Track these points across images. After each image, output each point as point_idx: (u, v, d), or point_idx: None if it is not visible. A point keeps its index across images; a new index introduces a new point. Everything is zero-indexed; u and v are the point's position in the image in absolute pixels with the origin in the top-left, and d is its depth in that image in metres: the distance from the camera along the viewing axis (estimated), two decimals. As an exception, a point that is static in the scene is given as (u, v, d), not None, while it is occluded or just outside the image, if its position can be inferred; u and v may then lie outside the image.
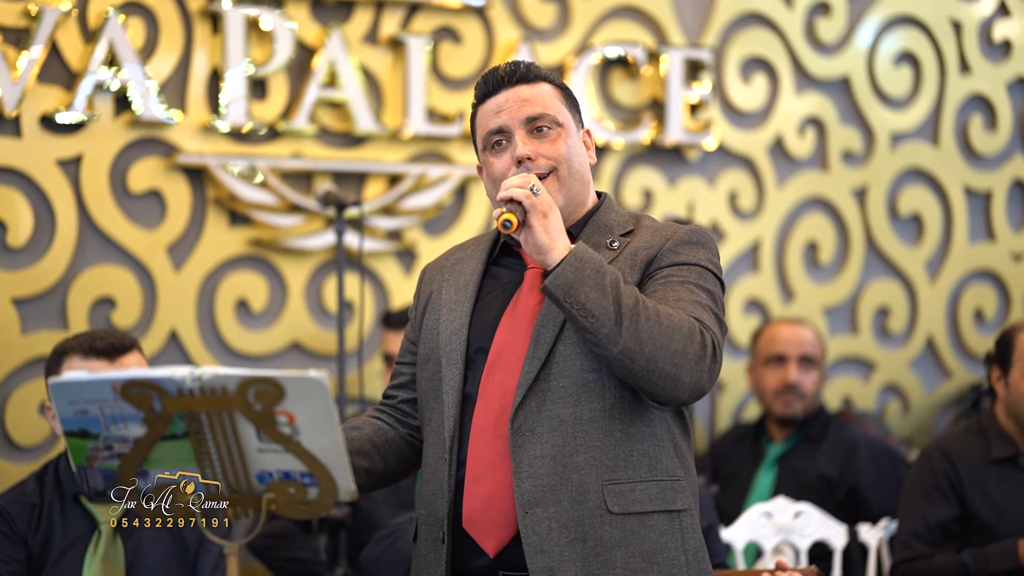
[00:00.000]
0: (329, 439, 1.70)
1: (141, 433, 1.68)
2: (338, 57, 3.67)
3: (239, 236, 3.64)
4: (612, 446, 1.94)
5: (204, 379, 1.66)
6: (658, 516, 1.94)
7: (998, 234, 4.46)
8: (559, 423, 1.93)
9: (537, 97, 2.01)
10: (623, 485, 1.93)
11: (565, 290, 1.85)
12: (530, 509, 1.91)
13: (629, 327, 1.85)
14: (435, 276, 2.12)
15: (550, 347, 1.94)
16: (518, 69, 2.03)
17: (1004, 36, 4.44)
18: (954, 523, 3.12)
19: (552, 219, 1.88)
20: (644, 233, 2.02)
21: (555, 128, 2.01)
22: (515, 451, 1.92)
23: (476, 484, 1.95)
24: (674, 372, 1.88)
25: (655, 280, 1.97)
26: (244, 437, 1.70)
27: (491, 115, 2.02)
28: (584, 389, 1.94)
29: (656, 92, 4.04)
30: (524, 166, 1.98)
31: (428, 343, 2.05)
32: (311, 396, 1.67)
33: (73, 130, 3.46)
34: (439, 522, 1.98)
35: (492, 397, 1.96)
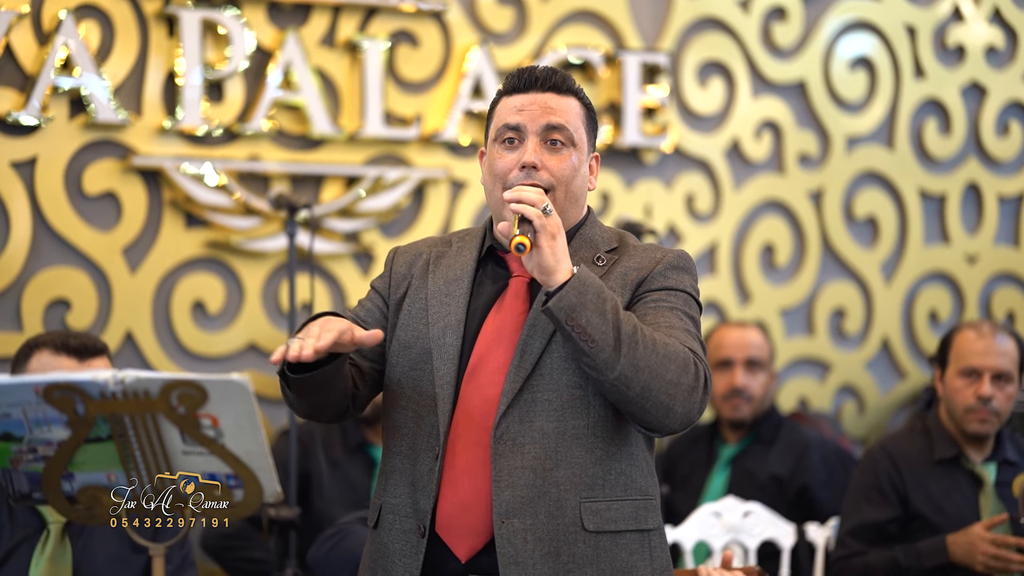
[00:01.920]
0: (253, 441, 1.73)
1: (65, 436, 1.71)
2: (295, 60, 3.69)
3: (195, 238, 3.66)
4: (593, 464, 1.96)
5: (127, 382, 1.68)
6: (630, 535, 1.98)
7: (952, 237, 4.52)
8: (542, 436, 1.94)
9: (561, 109, 2.01)
10: (600, 503, 1.96)
11: (567, 313, 1.87)
12: (507, 519, 1.92)
13: (627, 354, 1.87)
14: (413, 262, 2.09)
15: (536, 359, 1.96)
16: (554, 76, 2.03)
17: (958, 41, 4.49)
18: (892, 524, 3.16)
19: (559, 241, 1.90)
20: (632, 253, 2.04)
21: (568, 147, 2.01)
22: (496, 460, 1.93)
23: (453, 489, 1.95)
24: (667, 402, 1.90)
25: (644, 303, 1.98)
26: (169, 440, 1.73)
27: (512, 110, 2.01)
28: (569, 404, 1.96)
29: (613, 95, 4.07)
30: (527, 172, 1.99)
31: (411, 330, 2.03)
32: (234, 399, 1.69)
33: (28, 132, 3.47)
34: (421, 515, 1.96)
35: (473, 402, 1.96)
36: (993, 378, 3.12)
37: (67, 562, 2.64)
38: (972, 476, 3.18)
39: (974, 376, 3.13)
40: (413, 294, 2.06)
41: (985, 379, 3.11)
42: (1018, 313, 4.59)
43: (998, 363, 3.12)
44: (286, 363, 1.88)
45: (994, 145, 4.55)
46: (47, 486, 1.74)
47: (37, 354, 2.63)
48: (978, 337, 3.16)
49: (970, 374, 3.13)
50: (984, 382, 3.11)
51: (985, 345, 3.13)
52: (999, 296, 4.58)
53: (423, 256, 2.09)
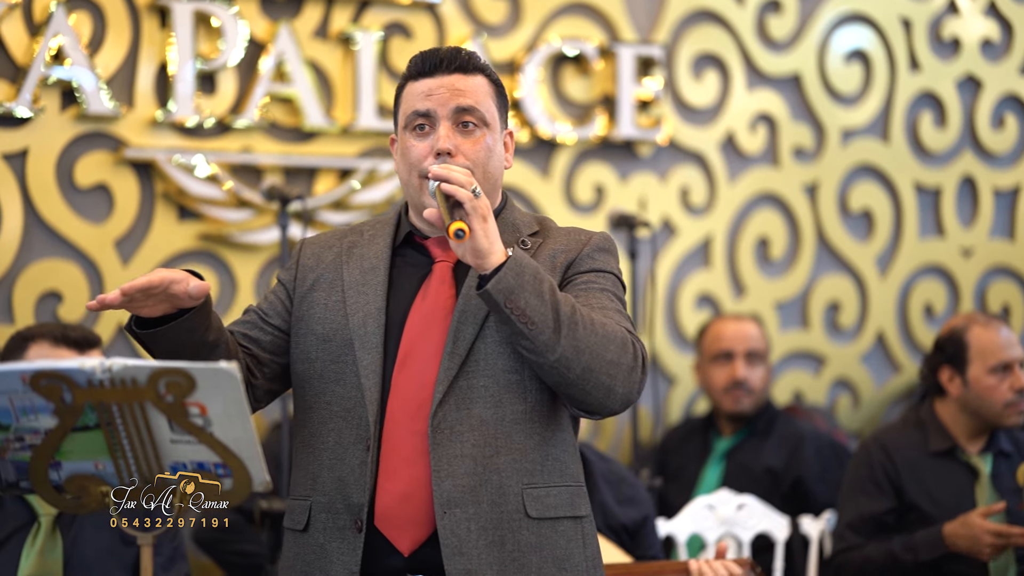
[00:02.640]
0: (242, 429, 1.71)
1: (52, 424, 1.69)
2: (288, 52, 3.68)
3: (188, 230, 3.65)
4: (532, 449, 1.93)
5: (114, 370, 1.67)
6: (567, 522, 1.96)
7: (948, 230, 4.51)
8: (480, 423, 1.91)
9: (471, 90, 1.97)
10: (540, 489, 1.93)
11: (506, 295, 1.83)
12: (449, 509, 1.89)
13: (567, 335, 1.85)
14: (322, 254, 2.04)
15: (470, 344, 1.92)
16: (459, 57, 1.98)
17: (953, 34, 4.49)
18: (889, 515, 3.16)
19: (491, 223, 1.86)
20: (556, 235, 2.02)
21: (481, 128, 1.97)
22: (435, 449, 1.89)
23: (391, 480, 1.91)
24: (608, 382, 1.88)
25: (575, 285, 1.96)
26: (157, 428, 1.72)
27: (421, 96, 1.96)
28: (506, 390, 1.93)
29: (608, 88, 4.06)
30: (442, 158, 1.94)
31: (328, 323, 1.97)
32: (222, 387, 1.68)
33: (19, 124, 3.46)
34: (355, 509, 1.92)
35: (407, 391, 1.93)
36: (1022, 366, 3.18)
37: (58, 555, 2.63)
38: (968, 468, 3.18)
39: (1006, 371, 3.16)
40: (327, 287, 2.00)
41: (1017, 371, 3.16)
42: (1013, 306, 4.58)
43: (1020, 353, 3.19)
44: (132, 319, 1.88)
45: (989, 138, 4.54)
46: (34, 475, 1.73)
47: (35, 345, 2.63)
48: (996, 332, 3.19)
49: (1003, 369, 3.16)
50: (1019, 374, 3.16)
51: (1005, 338, 3.20)
52: (994, 289, 4.58)
53: (333, 248, 2.04)
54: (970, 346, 3.18)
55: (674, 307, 4.20)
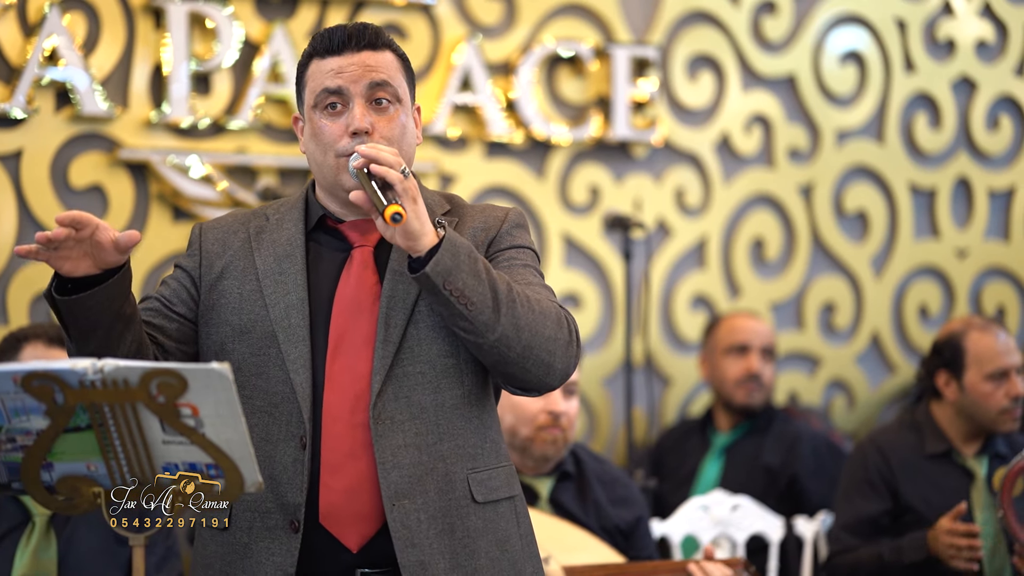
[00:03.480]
0: (234, 430, 1.71)
1: (44, 425, 1.69)
2: (283, 53, 3.68)
3: (183, 231, 3.64)
4: (472, 433, 1.91)
5: (106, 371, 1.66)
6: (504, 503, 1.95)
7: (943, 231, 4.51)
8: (420, 410, 1.88)
9: (382, 66, 1.90)
10: (482, 473, 1.92)
11: (444, 277, 1.79)
12: (397, 501, 1.85)
13: (507, 313, 1.82)
14: (227, 239, 1.95)
15: (403, 331, 1.88)
16: (367, 33, 1.91)
17: (948, 35, 4.49)
18: (884, 517, 3.16)
19: (420, 204, 1.80)
20: (470, 213, 1.97)
21: (395, 104, 1.91)
22: (377, 440, 1.85)
23: (334, 476, 1.86)
24: (548, 359, 1.85)
25: (498, 262, 1.93)
26: (148, 429, 1.71)
27: (330, 74, 1.88)
28: (443, 375, 1.89)
29: (603, 89, 4.07)
30: (359, 138, 1.87)
31: (245, 314, 1.90)
32: (214, 388, 1.68)
33: (13, 125, 3.46)
34: (290, 509, 1.85)
35: (342, 383, 1.87)
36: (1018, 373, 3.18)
37: (52, 555, 2.63)
38: (963, 470, 3.18)
39: (1003, 378, 3.15)
40: (239, 275, 1.93)
41: (1014, 378, 3.15)
42: (1008, 307, 4.59)
43: (1018, 359, 3.19)
44: (54, 282, 1.80)
45: (984, 139, 4.55)
46: (26, 476, 1.73)
47: (29, 346, 2.62)
48: (994, 338, 3.18)
49: (1000, 376, 3.15)
50: (1015, 381, 3.15)
51: (1003, 344, 3.19)
52: (989, 291, 4.58)
53: (239, 233, 1.96)
54: (967, 351, 3.18)
55: (669, 308, 4.20)
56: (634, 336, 3.96)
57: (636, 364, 3.99)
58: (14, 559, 2.63)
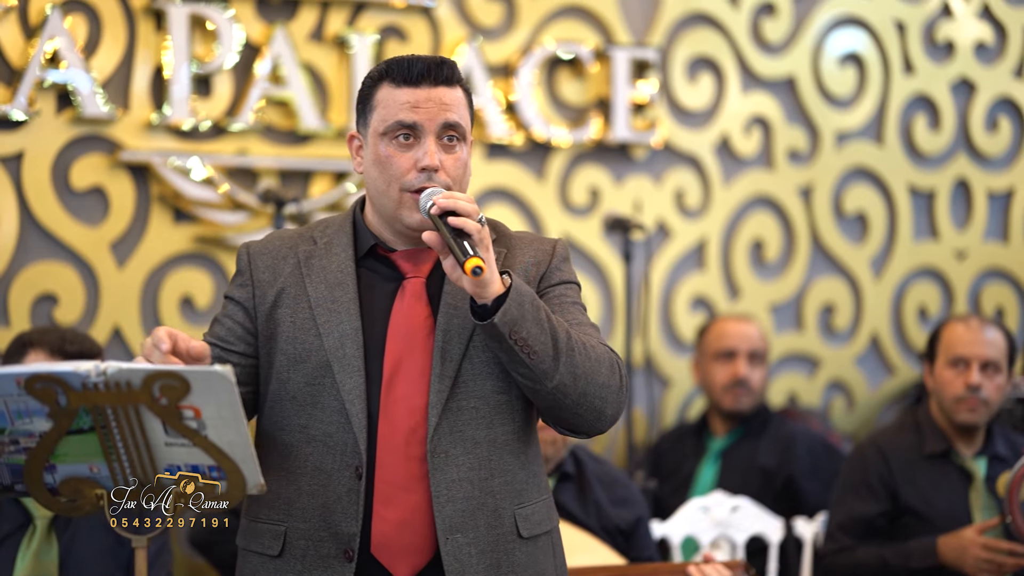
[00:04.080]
0: (236, 432, 1.72)
1: (47, 427, 1.70)
2: (283, 55, 3.69)
3: (183, 233, 3.65)
4: (519, 469, 1.95)
5: (109, 373, 1.67)
6: (543, 538, 1.99)
7: (942, 233, 4.52)
8: (474, 445, 1.91)
9: (455, 104, 1.94)
10: (527, 508, 1.96)
11: (511, 327, 1.82)
12: (451, 535, 1.89)
13: (566, 363, 1.86)
14: (277, 266, 1.96)
15: (458, 365, 1.91)
16: (443, 69, 1.94)
17: (947, 37, 4.50)
18: (881, 519, 3.17)
19: (491, 252, 1.84)
20: (519, 245, 2.00)
21: (460, 143, 1.95)
22: (433, 474, 1.89)
23: (387, 507, 1.89)
24: (600, 405, 1.90)
25: (548, 299, 1.96)
26: (151, 431, 1.72)
27: (406, 107, 1.91)
28: (496, 411, 1.93)
29: (602, 91, 4.07)
30: (427, 174, 1.91)
31: (300, 343, 1.91)
32: (216, 390, 1.69)
33: (14, 127, 3.46)
34: (345, 538, 1.88)
35: (397, 415, 1.90)
36: (981, 367, 3.14)
37: (53, 556, 2.64)
38: (962, 471, 3.19)
39: (962, 365, 3.15)
40: (291, 303, 1.94)
41: (973, 368, 3.13)
42: (1007, 309, 4.60)
43: (986, 352, 3.14)
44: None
45: (983, 141, 4.56)
46: (29, 478, 1.73)
47: (32, 353, 2.63)
48: (966, 328, 3.18)
49: (958, 364, 3.15)
50: (972, 371, 3.12)
51: (973, 335, 3.15)
52: (988, 292, 4.59)
53: (288, 259, 1.97)
54: (940, 339, 3.21)
55: (669, 310, 4.21)
56: (634, 337, 3.97)
57: (636, 365, 3.99)
58: (15, 561, 2.64)
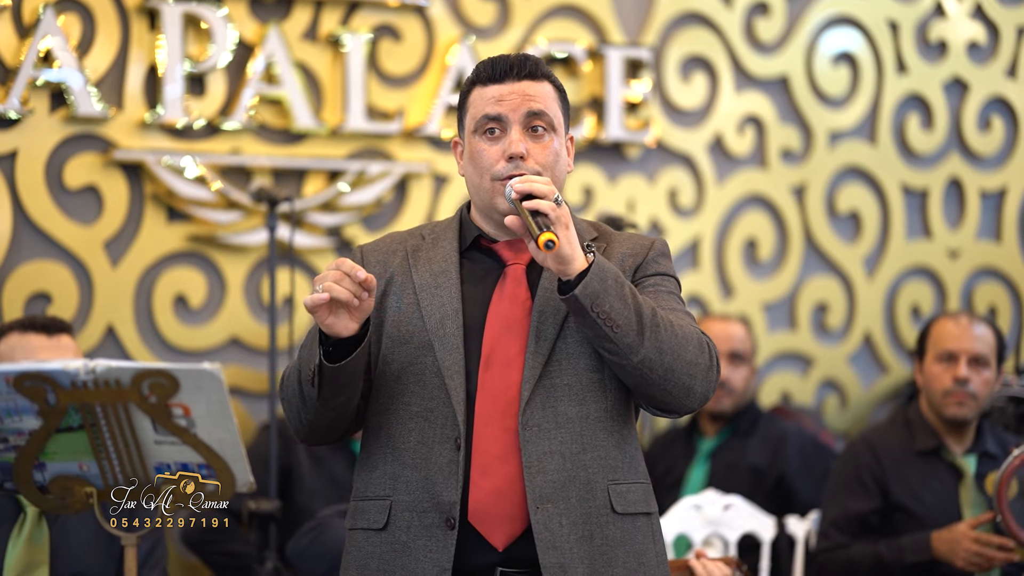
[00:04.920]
0: (225, 430, 1.73)
1: (36, 425, 1.71)
2: (277, 54, 3.69)
3: (177, 232, 3.66)
4: (613, 446, 1.99)
5: (98, 372, 1.68)
6: (642, 518, 2.02)
7: (935, 232, 4.53)
8: (566, 420, 1.96)
9: (540, 95, 2.00)
10: (622, 485, 1.99)
11: (592, 300, 1.88)
12: (541, 504, 1.93)
13: (650, 337, 1.90)
14: (388, 259, 2.06)
15: (552, 343, 1.97)
16: (527, 64, 2.01)
17: (940, 36, 4.51)
18: (873, 515, 3.18)
19: (572, 230, 1.91)
20: (618, 240, 2.07)
21: (550, 132, 2.01)
22: (525, 446, 1.94)
23: (483, 477, 1.94)
24: (688, 382, 1.94)
25: (644, 287, 2.01)
26: (140, 429, 1.73)
27: (491, 101, 2.00)
28: (589, 388, 1.98)
29: (596, 90, 4.08)
30: (514, 162, 1.98)
31: (404, 326, 2.01)
32: (206, 388, 1.70)
33: (8, 126, 3.47)
34: (446, 507, 1.94)
35: (495, 389, 1.96)
36: (970, 361, 3.15)
37: (44, 544, 2.64)
38: (952, 468, 3.20)
39: (951, 360, 3.16)
40: (398, 290, 2.04)
41: (961, 362, 3.14)
42: (1000, 307, 4.61)
43: (974, 346, 3.16)
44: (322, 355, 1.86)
45: (976, 140, 4.57)
46: (18, 476, 1.74)
47: (5, 340, 2.63)
48: (954, 324, 3.20)
49: (947, 358, 3.16)
50: (960, 365, 3.14)
51: (961, 330, 3.17)
52: (981, 291, 4.60)
53: (397, 253, 2.07)
54: (929, 336, 3.22)
55: (662, 308, 4.21)
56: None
57: (629, 364, 4.00)
58: (6, 550, 2.64)
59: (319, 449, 3.51)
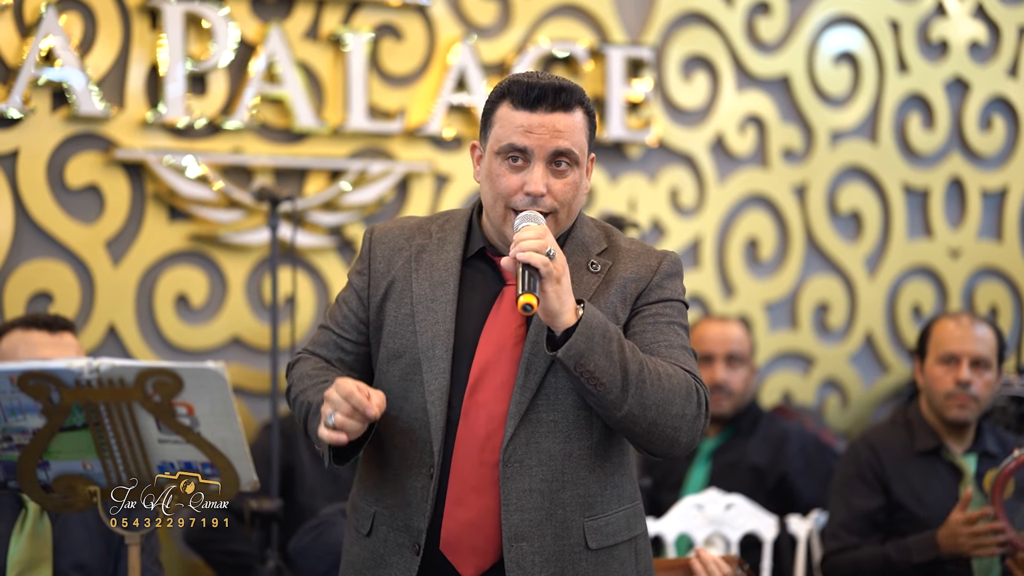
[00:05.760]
0: (229, 429, 1.73)
1: (40, 424, 1.71)
2: (278, 53, 3.69)
3: (178, 231, 3.66)
4: (594, 482, 1.98)
5: (102, 370, 1.68)
6: (622, 546, 2.01)
7: (936, 231, 4.53)
8: (548, 458, 1.95)
9: (569, 131, 1.97)
10: (599, 520, 1.99)
11: (576, 360, 1.86)
12: (516, 543, 1.93)
13: (635, 394, 1.88)
14: (393, 257, 2.05)
15: (541, 377, 1.95)
16: (562, 94, 1.97)
17: (941, 36, 4.51)
18: (880, 513, 3.18)
19: (564, 283, 1.88)
20: (624, 257, 2.02)
21: (572, 167, 1.98)
22: (504, 483, 1.93)
23: (457, 507, 1.94)
24: (673, 435, 1.93)
25: (643, 318, 1.99)
26: (144, 428, 1.73)
27: (519, 130, 1.96)
28: (575, 425, 1.96)
29: (597, 89, 4.08)
30: (533, 199, 1.96)
31: (399, 338, 2.00)
32: (209, 387, 1.69)
33: (9, 125, 3.47)
34: (414, 532, 1.95)
35: (476, 421, 1.95)
36: (971, 364, 3.15)
37: (47, 539, 2.64)
38: (953, 467, 3.20)
39: (953, 362, 3.16)
40: (398, 297, 2.02)
41: (963, 364, 3.14)
42: (1001, 307, 4.61)
43: (976, 348, 3.15)
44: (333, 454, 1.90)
45: (977, 140, 4.57)
46: (22, 474, 1.74)
47: (7, 337, 2.63)
48: (956, 325, 3.19)
49: (949, 360, 3.16)
50: (963, 367, 3.13)
51: (963, 332, 3.16)
52: (982, 290, 4.60)
53: (403, 251, 2.04)
54: (930, 337, 3.21)
55: (663, 308, 4.21)
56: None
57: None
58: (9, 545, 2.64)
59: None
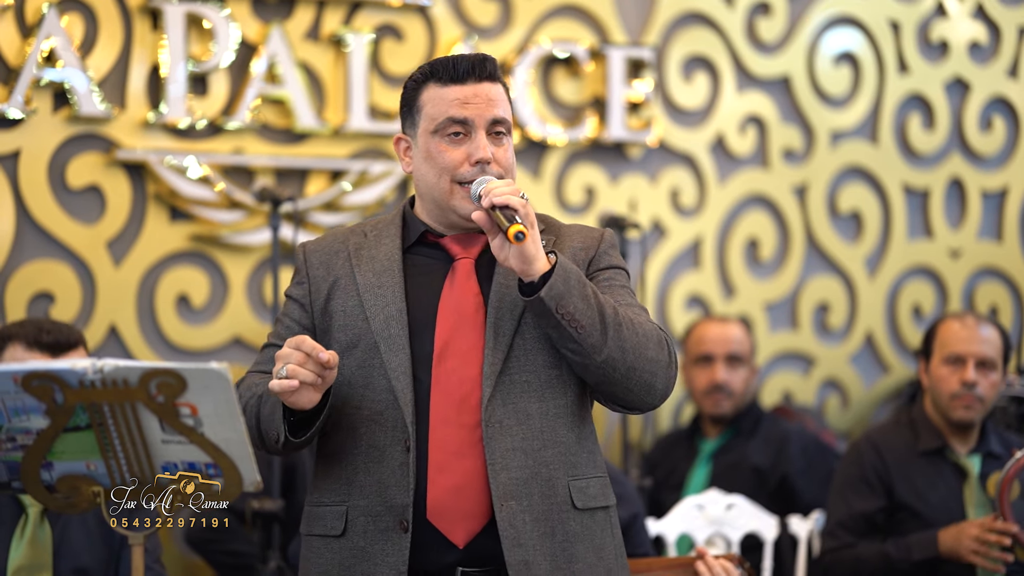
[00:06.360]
0: (232, 430, 1.73)
1: (44, 425, 1.71)
2: (279, 54, 3.69)
3: (180, 232, 3.66)
4: (574, 442, 2.00)
5: (105, 371, 1.68)
6: (600, 512, 2.03)
7: (936, 231, 4.54)
8: (527, 417, 1.97)
9: (500, 99, 2.02)
10: (582, 481, 2.00)
11: (557, 301, 1.88)
12: (505, 502, 1.94)
13: (613, 336, 1.91)
14: (331, 261, 2.05)
15: (510, 339, 1.97)
16: (487, 65, 2.01)
17: (942, 36, 4.51)
18: (879, 514, 3.18)
19: (536, 230, 1.90)
20: (568, 232, 2.07)
21: (507, 135, 2.03)
22: (488, 442, 1.94)
23: (441, 474, 1.94)
24: (650, 380, 1.95)
25: (598, 281, 2.02)
26: (148, 429, 1.73)
27: (455, 104, 1.98)
28: (548, 385, 1.99)
29: (598, 90, 4.08)
30: (480, 167, 1.98)
31: (350, 329, 2.01)
32: (213, 388, 1.70)
33: (11, 125, 3.47)
34: (398, 510, 1.94)
35: (450, 385, 1.96)
36: (977, 365, 3.15)
37: (47, 545, 2.64)
38: (957, 468, 3.20)
39: (958, 363, 3.16)
40: (342, 293, 2.03)
41: (969, 365, 3.14)
42: (1001, 307, 4.61)
43: (981, 350, 3.15)
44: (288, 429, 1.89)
45: (977, 140, 4.57)
46: (26, 475, 1.74)
47: (10, 347, 2.62)
48: (962, 326, 3.19)
49: (954, 361, 3.16)
50: (968, 368, 3.14)
51: (969, 333, 3.16)
52: (982, 290, 4.60)
53: (340, 253, 2.06)
54: (936, 337, 3.21)
55: (664, 308, 4.22)
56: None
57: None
58: (9, 550, 2.64)
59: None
